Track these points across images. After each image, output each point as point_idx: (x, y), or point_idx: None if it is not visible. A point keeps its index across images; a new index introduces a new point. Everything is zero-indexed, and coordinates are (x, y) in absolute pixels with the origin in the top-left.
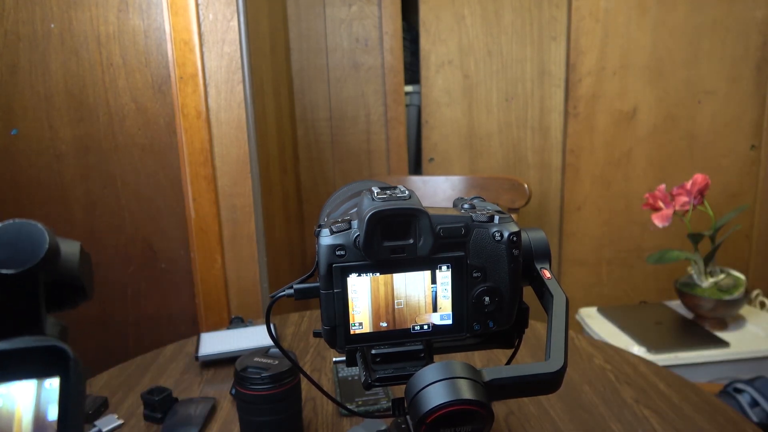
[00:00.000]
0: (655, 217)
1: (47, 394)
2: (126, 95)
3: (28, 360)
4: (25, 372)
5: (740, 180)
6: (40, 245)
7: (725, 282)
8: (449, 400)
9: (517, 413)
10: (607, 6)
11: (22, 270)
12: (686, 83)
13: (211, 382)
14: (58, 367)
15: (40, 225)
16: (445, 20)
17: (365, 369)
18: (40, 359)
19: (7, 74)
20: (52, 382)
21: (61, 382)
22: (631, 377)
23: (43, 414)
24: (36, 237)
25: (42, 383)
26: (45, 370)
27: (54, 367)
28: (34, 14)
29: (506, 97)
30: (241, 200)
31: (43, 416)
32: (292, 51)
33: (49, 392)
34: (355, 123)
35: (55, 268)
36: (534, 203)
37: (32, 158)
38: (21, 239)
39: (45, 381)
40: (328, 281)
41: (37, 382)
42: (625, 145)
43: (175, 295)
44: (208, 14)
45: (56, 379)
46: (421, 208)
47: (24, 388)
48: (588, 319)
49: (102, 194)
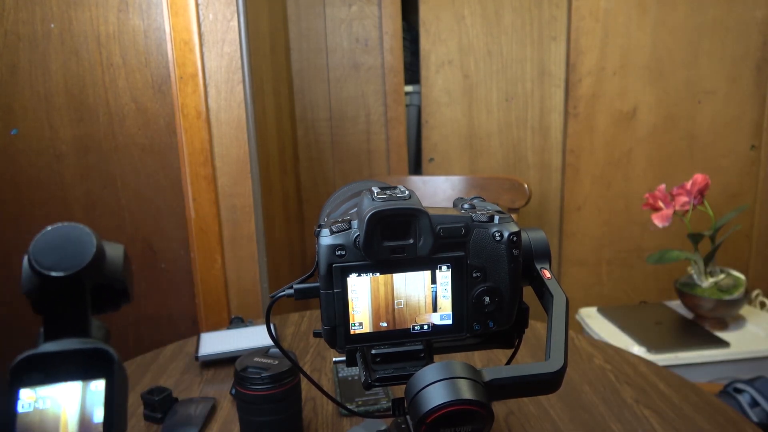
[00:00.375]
0: (655, 217)
1: (93, 396)
2: (126, 95)
3: (74, 362)
4: (71, 374)
5: (740, 180)
6: (88, 249)
7: (725, 282)
8: (449, 400)
9: (517, 413)
10: (607, 6)
11: (70, 273)
12: (686, 83)
13: (211, 382)
14: (104, 370)
15: (88, 229)
16: (445, 20)
17: (365, 369)
18: (86, 361)
19: (7, 74)
20: (98, 384)
21: (106, 384)
22: (631, 377)
23: (89, 416)
24: (83, 241)
25: (87, 385)
26: (90, 372)
27: (99, 369)
28: (34, 14)
29: (506, 97)
30: (241, 200)
31: (89, 418)
32: (292, 51)
33: (95, 394)
34: (355, 123)
35: (101, 271)
36: (534, 203)
37: (32, 158)
38: (69, 243)
39: (90, 383)
40: (328, 281)
41: (83, 383)
42: (625, 145)
43: (175, 295)
44: (208, 14)
45: (102, 381)
46: (421, 208)
47: (70, 390)
48: (588, 319)
49: (102, 194)
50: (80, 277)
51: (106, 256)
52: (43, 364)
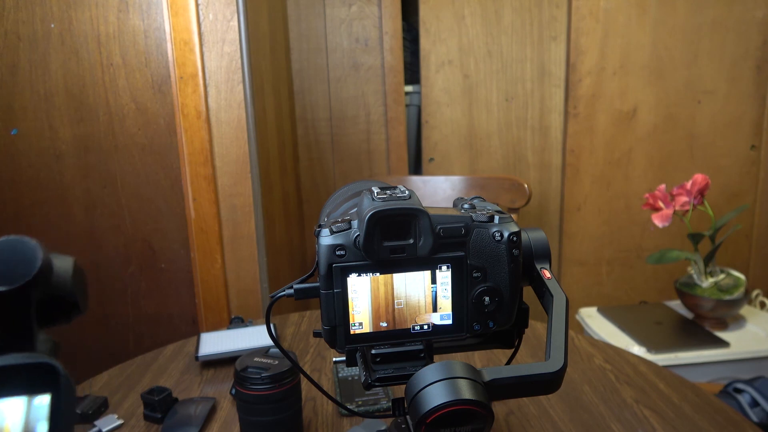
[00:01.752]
0: (655, 217)
1: (36, 411)
2: (126, 95)
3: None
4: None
5: (740, 180)
6: (33, 262)
7: (725, 282)
8: (449, 400)
9: (517, 413)
10: (607, 6)
11: (14, 287)
12: (686, 83)
13: (211, 382)
14: (49, 384)
15: (33, 241)
16: (445, 20)
17: (365, 369)
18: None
19: (7, 74)
20: (42, 399)
21: (51, 398)
22: (631, 377)
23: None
24: (28, 254)
25: (32, 400)
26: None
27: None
28: (34, 14)
29: (506, 97)
30: (241, 200)
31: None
32: (292, 51)
33: (39, 409)
34: (355, 123)
35: (48, 284)
36: (534, 203)
37: (32, 158)
38: (14, 256)
39: (35, 398)
40: (328, 281)
41: (27, 398)
42: (625, 145)
43: (175, 295)
44: (208, 14)
45: (46, 396)
46: (421, 208)
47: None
48: (588, 319)
49: (102, 194)
50: (25, 290)
51: (53, 269)
52: None
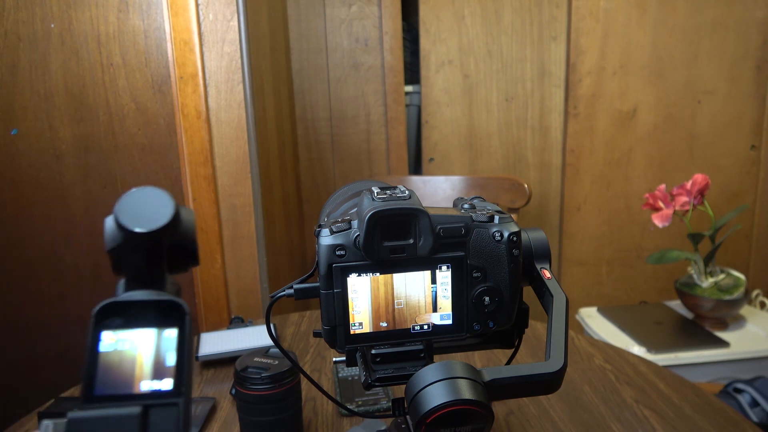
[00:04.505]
0: (655, 217)
1: (166, 343)
2: (126, 95)
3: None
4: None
5: (740, 180)
6: (167, 209)
7: (725, 282)
8: (449, 400)
9: (517, 413)
10: (607, 6)
11: (151, 230)
12: (686, 83)
13: (211, 382)
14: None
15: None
16: (445, 20)
17: (365, 369)
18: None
19: (7, 74)
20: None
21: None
22: (631, 377)
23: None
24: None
25: (162, 332)
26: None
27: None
28: (34, 14)
29: (506, 97)
30: (241, 200)
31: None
32: (292, 51)
33: (168, 341)
34: (355, 123)
35: (176, 231)
36: (534, 203)
37: (32, 158)
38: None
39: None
40: (328, 281)
41: (158, 330)
42: (625, 145)
43: None
44: (208, 14)
45: (174, 330)
46: (421, 208)
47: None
48: (588, 319)
49: (102, 194)
50: (159, 235)
51: (181, 218)
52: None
